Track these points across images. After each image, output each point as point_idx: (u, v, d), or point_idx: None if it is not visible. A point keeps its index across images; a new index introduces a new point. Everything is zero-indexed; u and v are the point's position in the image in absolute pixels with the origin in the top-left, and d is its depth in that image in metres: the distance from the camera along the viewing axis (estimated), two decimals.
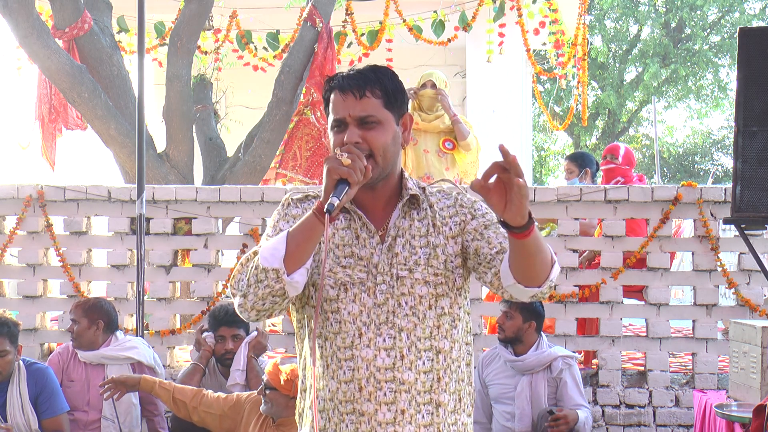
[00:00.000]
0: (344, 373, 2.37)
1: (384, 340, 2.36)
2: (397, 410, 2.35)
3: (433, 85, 6.96)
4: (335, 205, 2.18)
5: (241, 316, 2.39)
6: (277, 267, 2.26)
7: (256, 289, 2.30)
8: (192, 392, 4.58)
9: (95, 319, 5.18)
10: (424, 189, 2.49)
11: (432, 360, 2.38)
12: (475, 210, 2.46)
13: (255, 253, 2.35)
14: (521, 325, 5.11)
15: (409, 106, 2.52)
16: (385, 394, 2.35)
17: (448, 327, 2.41)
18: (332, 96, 2.40)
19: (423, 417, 2.37)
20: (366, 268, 2.38)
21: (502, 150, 2.13)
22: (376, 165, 2.35)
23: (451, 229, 2.43)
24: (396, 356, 2.36)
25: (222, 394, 4.62)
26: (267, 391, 4.26)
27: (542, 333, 5.21)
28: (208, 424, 4.57)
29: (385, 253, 2.39)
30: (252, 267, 2.32)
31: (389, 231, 2.40)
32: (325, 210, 2.19)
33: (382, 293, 2.37)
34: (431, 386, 2.38)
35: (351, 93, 2.36)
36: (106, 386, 4.59)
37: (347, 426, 2.37)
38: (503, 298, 5.08)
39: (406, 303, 2.37)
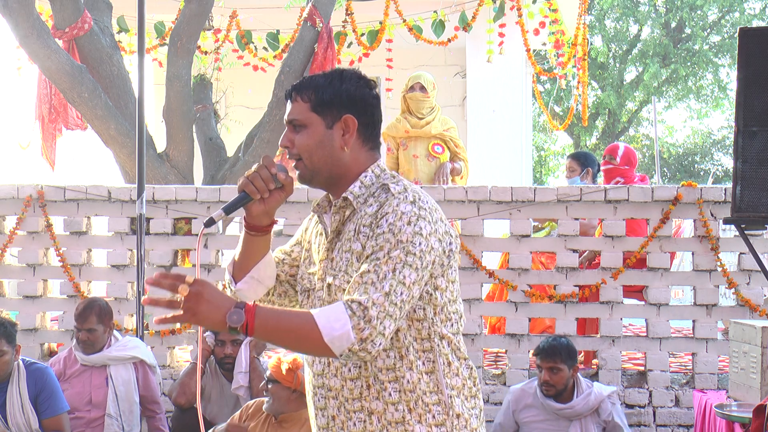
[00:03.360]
0: (305, 378, 2.54)
1: None
2: (328, 416, 2.41)
3: (422, 88, 6.95)
4: (214, 218, 2.33)
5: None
6: (228, 279, 2.50)
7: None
8: None
9: (108, 323, 5.22)
10: (381, 188, 2.40)
11: (359, 368, 2.36)
12: (380, 225, 2.30)
13: None
14: (568, 374, 4.97)
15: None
16: (318, 400, 2.43)
17: None
18: None
19: (354, 425, 2.37)
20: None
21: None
22: (305, 167, 2.41)
23: (364, 236, 2.34)
24: (324, 362, 2.40)
25: (224, 425, 4.59)
26: (269, 385, 4.24)
27: None
28: None
29: (326, 259, 2.42)
30: None
31: (330, 236, 2.44)
32: (204, 222, 2.34)
33: (320, 299, 2.42)
34: (360, 393, 2.36)
35: (287, 98, 2.47)
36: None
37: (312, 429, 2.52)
38: (542, 353, 4.99)
39: None
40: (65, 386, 5.12)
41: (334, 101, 2.41)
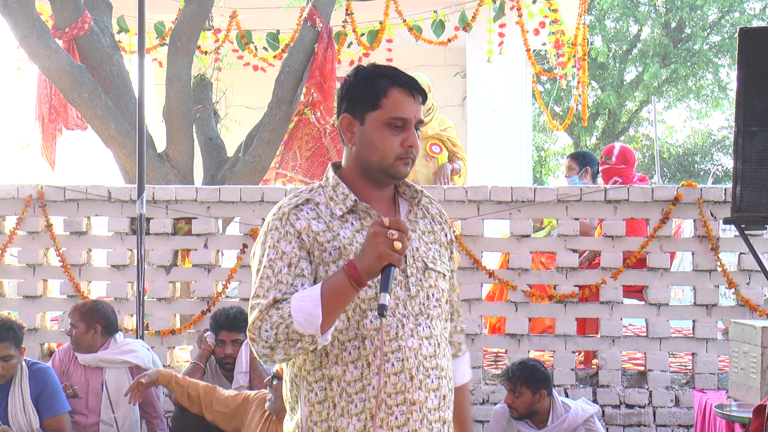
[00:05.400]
0: (393, 365, 2.37)
1: (423, 330, 2.42)
2: (440, 396, 2.44)
3: None
4: (385, 303, 2.20)
5: (260, 360, 2.40)
6: (314, 333, 2.26)
7: (286, 347, 2.29)
8: (205, 389, 4.60)
9: (92, 323, 5.16)
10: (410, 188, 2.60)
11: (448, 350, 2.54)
12: (452, 237, 2.64)
13: (274, 301, 2.30)
14: (532, 398, 4.82)
15: None
16: (432, 381, 2.42)
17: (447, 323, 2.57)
18: (392, 91, 2.39)
19: (452, 403, 2.51)
20: None
21: None
22: (407, 168, 2.46)
23: (446, 236, 2.58)
24: (435, 344, 2.44)
25: (233, 392, 4.63)
26: (274, 382, 4.25)
27: (554, 392, 4.92)
28: (218, 422, 4.59)
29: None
30: (282, 326, 2.28)
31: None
32: (379, 314, 2.21)
33: (414, 285, 2.43)
34: (452, 375, 2.53)
35: (418, 96, 2.43)
36: (131, 392, 4.62)
37: (397, 418, 2.37)
38: (504, 375, 4.90)
39: (432, 295, 2.46)
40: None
41: None
